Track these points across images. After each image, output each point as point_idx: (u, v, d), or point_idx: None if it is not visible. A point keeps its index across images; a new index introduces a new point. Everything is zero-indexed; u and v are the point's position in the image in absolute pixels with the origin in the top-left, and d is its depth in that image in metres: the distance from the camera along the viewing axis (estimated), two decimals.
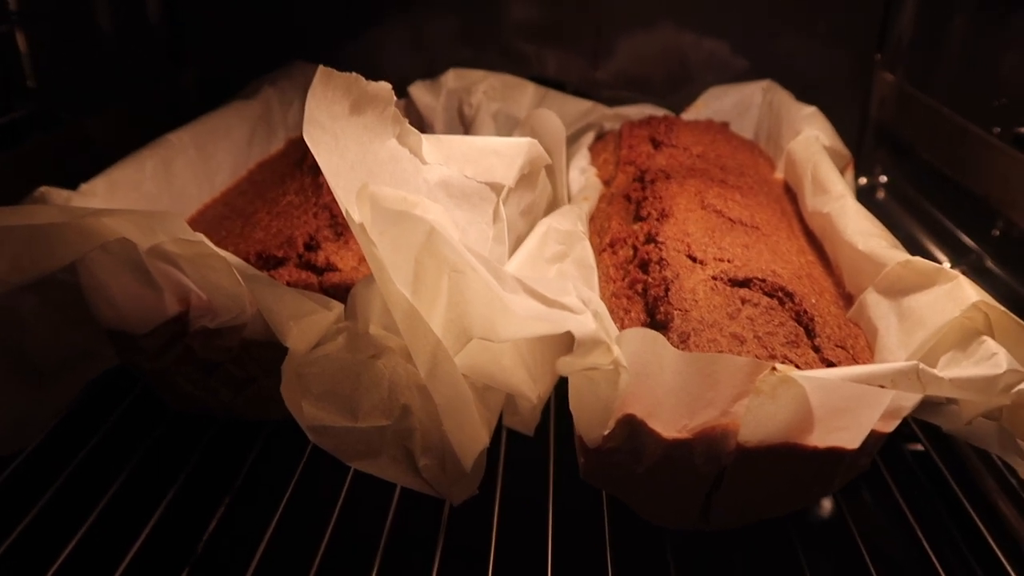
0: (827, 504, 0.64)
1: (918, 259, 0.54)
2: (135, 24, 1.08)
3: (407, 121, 0.56)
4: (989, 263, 0.91)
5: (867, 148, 1.16)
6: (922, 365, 0.43)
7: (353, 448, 0.51)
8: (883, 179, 1.14)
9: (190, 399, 0.64)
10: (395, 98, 0.52)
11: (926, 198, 1.04)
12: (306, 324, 0.51)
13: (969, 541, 0.60)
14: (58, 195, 0.64)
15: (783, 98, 0.99)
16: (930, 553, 0.56)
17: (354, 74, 0.47)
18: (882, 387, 0.44)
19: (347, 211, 0.46)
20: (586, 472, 0.54)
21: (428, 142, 0.60)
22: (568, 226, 0.62)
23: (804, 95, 1.01)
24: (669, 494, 0.53)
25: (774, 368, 0.45)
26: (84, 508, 0.59)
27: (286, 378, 0.50)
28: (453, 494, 0.53)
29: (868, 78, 1.13)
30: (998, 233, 0.91)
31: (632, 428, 0.49)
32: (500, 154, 0.63)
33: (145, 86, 1.08)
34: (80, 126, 0.90)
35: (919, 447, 0.69)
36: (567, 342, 0.62)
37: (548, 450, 0.65)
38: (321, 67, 0.45)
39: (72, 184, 0.68)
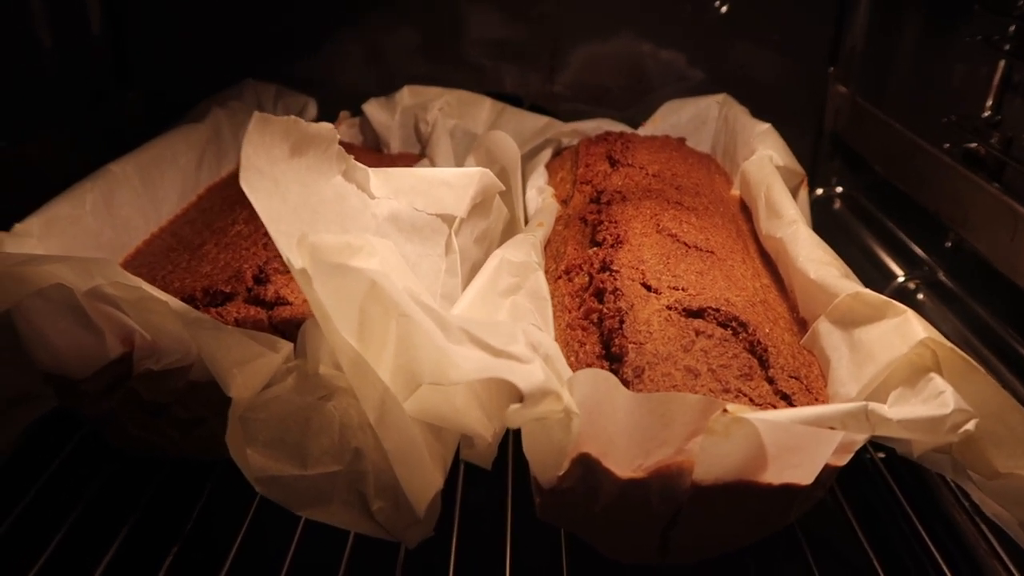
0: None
1: (867, 292, 0.54)
2: (75, 38, 1.02)
3: (352, 157, 0.55)
4: (942, 275, 0.92)
5: (822, 159, 1.17)
6: (871, 406, 0.43)
7: (303, 497, 0.49)
8: (838, 190, 1.15)
9: (138, 441, 0.62)
10: (338, 136, 0.51)
11: (880, 210, 1.05)
12: (251, 370, 0.50)
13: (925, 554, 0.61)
14: None
15: (738, 114, 1.00)
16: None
17: (292, 117, 0.46)
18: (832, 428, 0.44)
19: (288, 259, 0.44)
20: (543, 512, 0.53)
21: (376, 176, 0.59)
22: (522, 257, 0.61)
23: (760, 105, 1.02)
24: (626, 532, 0.53)
25: (725, 410, 0.44)
26: (26, 558, 0.56)
27: (230, 426, 0.48)
28: (408, 536, 0.52)
29: (822, 90, 1.14)
30: (950, 245, 0.92)
31: (587, 468, 0.48)
32: (450, 185, 0.63)
33: (87, 105, 1.03)
34: (11, 152, 0.84)
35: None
36: None
37: (506, 482, 0.64)
38: (256, 113, 0.43)
39: (2, 220, 0.64)
